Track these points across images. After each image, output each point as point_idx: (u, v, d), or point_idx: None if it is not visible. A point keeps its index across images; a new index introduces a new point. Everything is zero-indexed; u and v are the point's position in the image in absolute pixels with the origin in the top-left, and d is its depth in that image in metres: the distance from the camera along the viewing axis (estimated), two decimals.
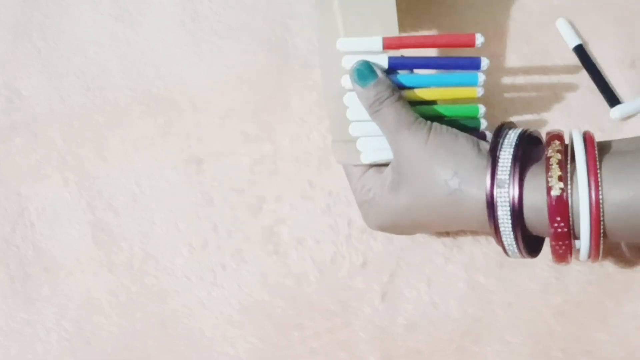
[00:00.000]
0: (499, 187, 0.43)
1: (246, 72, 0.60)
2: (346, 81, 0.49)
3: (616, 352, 0.50)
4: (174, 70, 0.61)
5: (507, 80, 0.58)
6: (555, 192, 0.42)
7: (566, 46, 0.58)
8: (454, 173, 0.45)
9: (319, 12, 0.51)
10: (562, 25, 0.58)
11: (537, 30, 0.58)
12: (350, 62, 0.49)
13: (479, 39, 0.49)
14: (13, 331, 0.54)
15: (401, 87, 0.49)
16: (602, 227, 0.42)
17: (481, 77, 0.49)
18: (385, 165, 0.49)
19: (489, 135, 0.49)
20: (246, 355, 0.52)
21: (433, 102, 0.50)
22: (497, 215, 0.44)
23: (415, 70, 0.50)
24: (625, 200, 0.42)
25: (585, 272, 0.52)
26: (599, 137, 0.56)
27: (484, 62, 0.49)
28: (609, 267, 0.52)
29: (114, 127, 0.60)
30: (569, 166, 0.43)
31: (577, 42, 0.57)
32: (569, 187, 0.42)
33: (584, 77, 0.57)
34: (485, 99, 0.50)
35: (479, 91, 0.49)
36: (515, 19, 0.59)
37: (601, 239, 0.43)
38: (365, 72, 0.48)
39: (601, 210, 0.42)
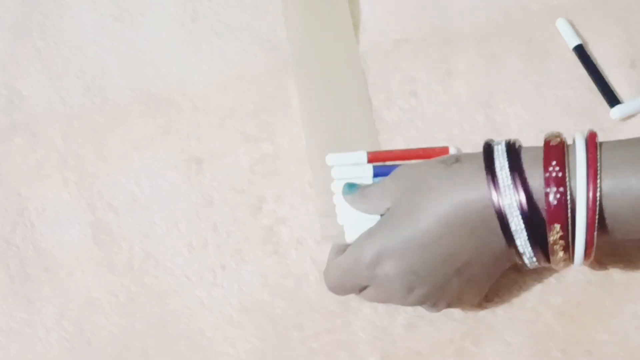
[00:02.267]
0: (503, 194, 0.43)
1: (246, 72, 0.60)
2: (335, 187, 0.52)
3: (616, 352, 0.50)
4: (174, 70, 0.61)
5: (507, 80, 0.58)
6: (553, 197, 0.42)
7: (566, 46, 0.58)
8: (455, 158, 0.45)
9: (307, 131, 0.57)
10: (562, 25, 0.58)
11: (537, 30, 0.58)
12: (338, 173, 0.53)
13: (452, 151, 0.54)
14: (13, 331, 0.54)
15: None
16: (597, 216, 0.42)
17: None
18: None
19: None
20: (246, 355, 0.52)
21: None
22: (508, 222, 0.43)
23: None
24: (625, 191, 0.41)
25: (586, 272, 0.52)
26: (599, 137, 0.56)
27: None
28: (609, 267, 0.52)
29: (114, 127, 0.60)
30: (567, 166, 0.43)
31: (577, 42, 0.57)
32: (568, 186, 0.42)
33: (584, 77, 0.57)
34: (485, 100, 0.50)
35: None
36: (515, 19, 0.59)
37: (596, 230, 0.42)
38: (350, 188, 0.50)
39: (598, 199, 0.41)
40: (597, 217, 0.42)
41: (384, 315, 0.52)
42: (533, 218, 0.43)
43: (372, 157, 0.55)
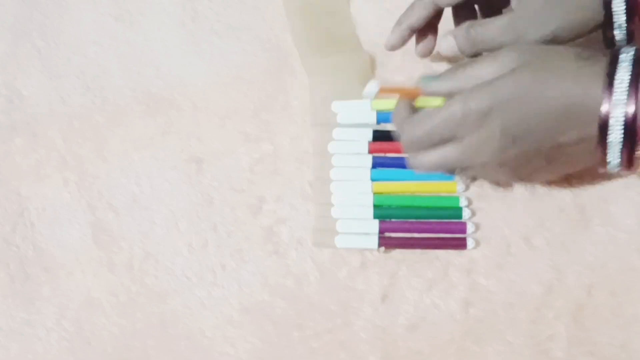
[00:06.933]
0: (615, 106, 0.44)
1: (246, 72, 0.60)
2: (334, 174, 0.55)
3: (617, 354, 0.50)
4: (174, 70, 0.61)
5: None
6: None
7: None
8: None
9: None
10: None
11: None
12: (338, 162, 0.56)
13: None
14: (13, 331, 0.54)
15: (384, 180, 0.55)
16: None
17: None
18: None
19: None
20: (246, 355, 0.52)
21: (414, 194, 0.55)
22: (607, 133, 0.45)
23: None
24: None
25: (587, 274, 0.52)
26: None
27: None
28: (611, 269, 0.52)
29: (114, 127, 0.60)
30: None
31: None
32: None
33: None
34: None
35: (459, 186, 0.55)
36: None
37: None
38: (430, 78, 0.51)
39: None
40: None
41: (385, 315, 0.52)
42: (632, 134, 0.44)
43: (373, 149, 0.56)
